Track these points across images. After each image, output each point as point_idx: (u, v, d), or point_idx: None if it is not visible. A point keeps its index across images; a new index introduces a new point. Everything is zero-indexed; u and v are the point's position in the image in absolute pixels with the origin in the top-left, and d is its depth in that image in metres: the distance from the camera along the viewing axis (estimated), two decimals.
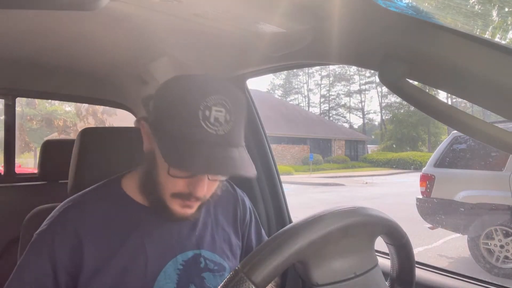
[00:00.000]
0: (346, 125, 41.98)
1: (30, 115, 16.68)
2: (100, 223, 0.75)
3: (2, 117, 1.76)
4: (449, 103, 1.14)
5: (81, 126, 15.34)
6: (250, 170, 0.69)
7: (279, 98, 41.96)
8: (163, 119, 0.69)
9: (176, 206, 0.75)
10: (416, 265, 0.68)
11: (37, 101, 16.27)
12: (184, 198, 0.74)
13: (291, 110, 26.42)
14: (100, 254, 0.73)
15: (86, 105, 14.98)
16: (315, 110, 44.38)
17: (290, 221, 1.52)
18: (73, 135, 15.65)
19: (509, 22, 0.69)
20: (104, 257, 0.73)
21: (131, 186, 0.81)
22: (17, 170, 1.81)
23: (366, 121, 44.39)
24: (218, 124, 0.66)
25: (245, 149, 0.75)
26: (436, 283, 1.02)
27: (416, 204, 4.74)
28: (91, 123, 15.73)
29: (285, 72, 37.24)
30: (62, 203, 0.79)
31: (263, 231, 1.01)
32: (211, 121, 0.65)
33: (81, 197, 0.80)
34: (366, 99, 50.93)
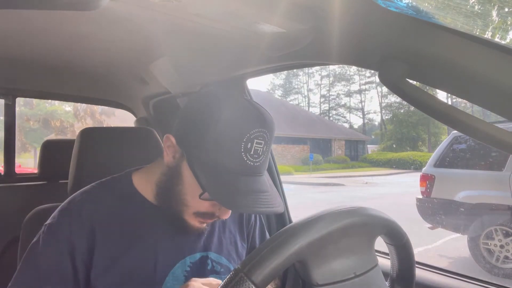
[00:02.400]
0: (346, 125, 41.99)
1: (28, 115, 16.63)
2: (112, 219, 0.75)
3: (2, 117, 1.76)
4: (449, 103, 1.14)
5: (78, 127, 15.30)
6: (280, 203, 0.72)
7: (279, 98, 41.97)
8: (200, 143, 0.68)
9: (195, 222, 0.76)
10: (416, 265, 0.68)
11: (35, 101, 16.24)
12: (207, 217, 0.75)
13: (291, 110, 26.42)
14: (111, 252, 0.72)
15: (84, 105, 14.97)
16: (315, 110, 44.42)
17: (290, 221, 1.52)
18: (70, 136, 15.63)
19: (509, 22, 0.69)
20: (114, 255, 0.72)
21: (143, 185, 0.80)
22: (17, 170, 1.81)
23: (366, 121, 44.39)
24: (256, 156, 0.67)
25: (266, 172, 0.76)
26: (436, 283, 1.02)
27: (416, 204, 4.74)
28: (89, 123, 15.69)
29: (285, 72, 37.23)
30: (74, 195, 0.78)
31: (267, 233, 1.01)
32: (251, 153, 0.66)
33: (95, 191, 0.79)
34: (366, 99, 51.00)
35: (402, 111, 32.27)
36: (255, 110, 0.69)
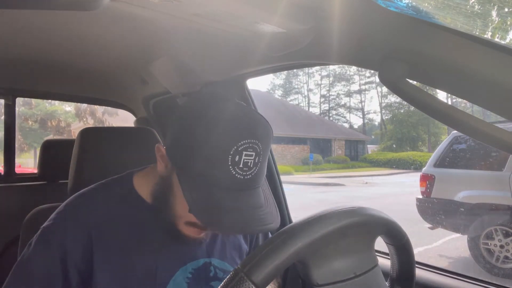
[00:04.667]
0: (346, 125, 42.01)
1: (26, 115, 16.60)
2: (110, 224, 0.72)
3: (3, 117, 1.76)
4: (449, 103, 1.14)
5: (78, 126, 15.27)
6: (276, 218, 0.67)
7: (279, 98, 41.98)
8: (186, 154, 0.64)
9: (189, 232, 0.73)
10: (416, 265, 0.68)
11: (35, 101, 16.23)
12: (200, 228, 0.72)
13: (291, 110, 26.43)
14: (109, 257, 0.70)
15: (84, 105, 14.95)
16: (315, 110, 44.45)
17: (290, 221, 1.52)
18: (66, 136, 15.60)
19: (509, 22, 0.69)
20: (112, 261, 0.70)
21: (143, 187, 0.78)
22: (17, 170, 1.81)
23: (366, 121, 44.44)
24: (246, 169, 0.63)
25: (265, 180, 0.72)
26: (436, 283, 1.02)
27: (416, 204, 4.75)
28: (90, 122, 15.67)
29: (285, 72, 37.25)
30: (71, 198, 0.76)
31: (270, 234, 1.00)
32: (240, 166, 0.62)
33: (93, 194, 0.77)
34: (366, 99, 51.09)
35: (402, 111, 32.33)
36: (245, 119, 0.64)
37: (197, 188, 0.63)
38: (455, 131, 3.42)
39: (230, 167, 0.61)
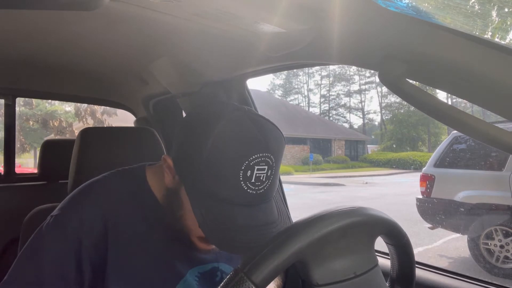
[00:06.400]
0: (346, 125, 42.05)
1: (27, 115, 16.59)
2: (124, 217, 0.69)
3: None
4: (449, 103, 1.14)
5: (78, 126, 15.27)
6: None
7: (279, 98, 42.00)
8: (194, 170, 0.62)
9: (200, 245, 0.71)
10: (416, 265, 0.68)
11: (35, 101, 16.22)
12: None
13: (291, 110, 26.45)
14: (122, 254, 0.67)
15: (84, 105, 14.95)
16: (315, 110, 44.48)
17: (290, 221, 1.52)
18: (69, 136, 15.61)
19: (509, 22, 0.69)
20: (124, 258, 0.67)
21: (156, 185, 0.75)
22: (17, 170, 1.81)
23: (366, 121, 44.46)
24: (259, 183, 0.60)
25: (278, 189, 0.70)
26: (436, 283, 1.02)
27: (416, 204, 4.75)
28: (90, 123, 15.67)
29: (285, 72, 37.29)
30: (88, 185, 0.73)
31: None
32: (252, 181, 0.60)
33: (107, 182, 0.73)
34: (366, 99, 51.11)
35: (402, 111, 32.33)
36: (257, 132, 0.61)
37: (207, 205, 0.61)
38: (455, 131, 3.42)
39: (242, 182, 0.59)
